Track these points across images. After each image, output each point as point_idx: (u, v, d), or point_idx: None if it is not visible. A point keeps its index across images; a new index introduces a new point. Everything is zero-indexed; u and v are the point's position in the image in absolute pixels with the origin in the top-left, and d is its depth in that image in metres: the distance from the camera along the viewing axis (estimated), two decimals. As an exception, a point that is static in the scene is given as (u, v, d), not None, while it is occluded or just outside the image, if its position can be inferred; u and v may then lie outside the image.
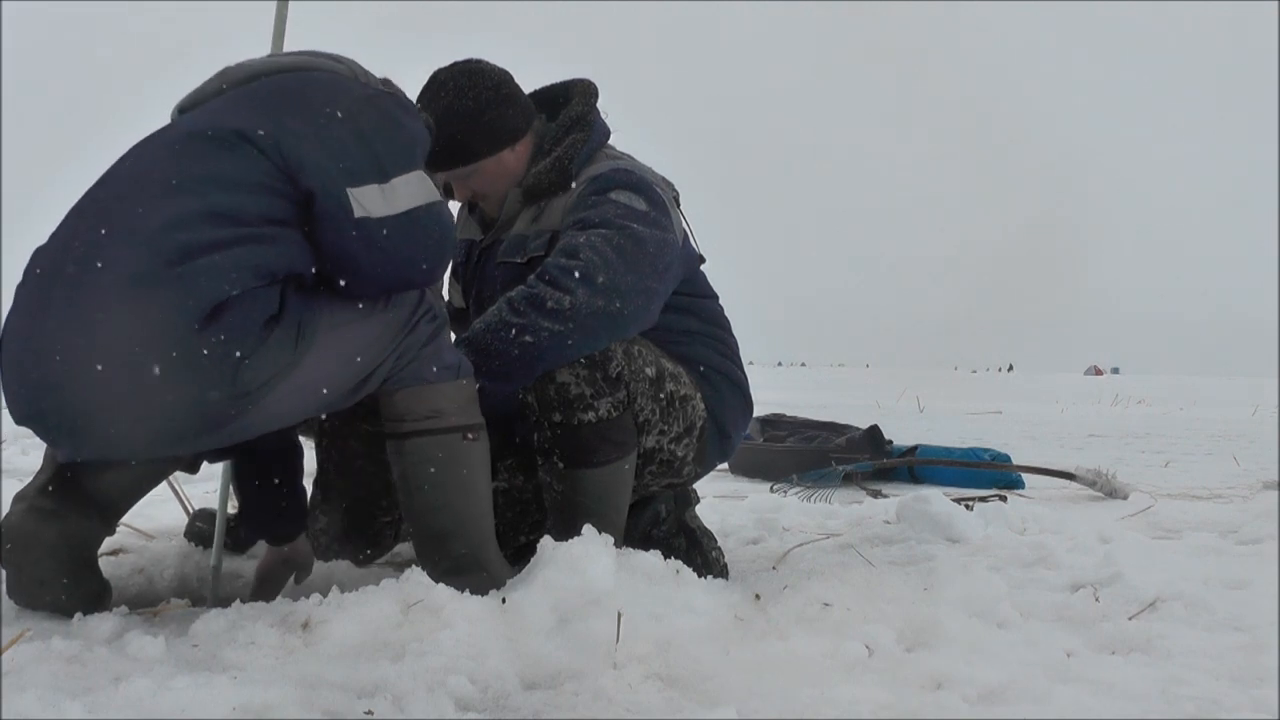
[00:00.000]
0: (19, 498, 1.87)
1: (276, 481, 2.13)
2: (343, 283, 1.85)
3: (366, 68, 2.00)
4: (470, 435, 1.96)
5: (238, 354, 1.68)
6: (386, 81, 2.02)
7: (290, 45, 2.41)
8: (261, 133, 1.76)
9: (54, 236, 1.78)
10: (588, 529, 1.90)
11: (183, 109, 1.93)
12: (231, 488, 2.61)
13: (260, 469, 2.13)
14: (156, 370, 1.64)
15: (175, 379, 1.66)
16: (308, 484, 2.53)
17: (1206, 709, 1.56)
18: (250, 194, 1.74)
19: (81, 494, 1.88)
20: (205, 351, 1.66)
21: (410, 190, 1.85)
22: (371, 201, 1.80)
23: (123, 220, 1.69)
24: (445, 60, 2.45)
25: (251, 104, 1.83)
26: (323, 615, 1.70)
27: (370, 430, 2.15)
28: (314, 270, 1.82)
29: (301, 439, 2.53)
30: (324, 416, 2.34)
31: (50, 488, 1.87)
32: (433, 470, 1.94)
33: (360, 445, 2.36)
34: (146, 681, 1.42)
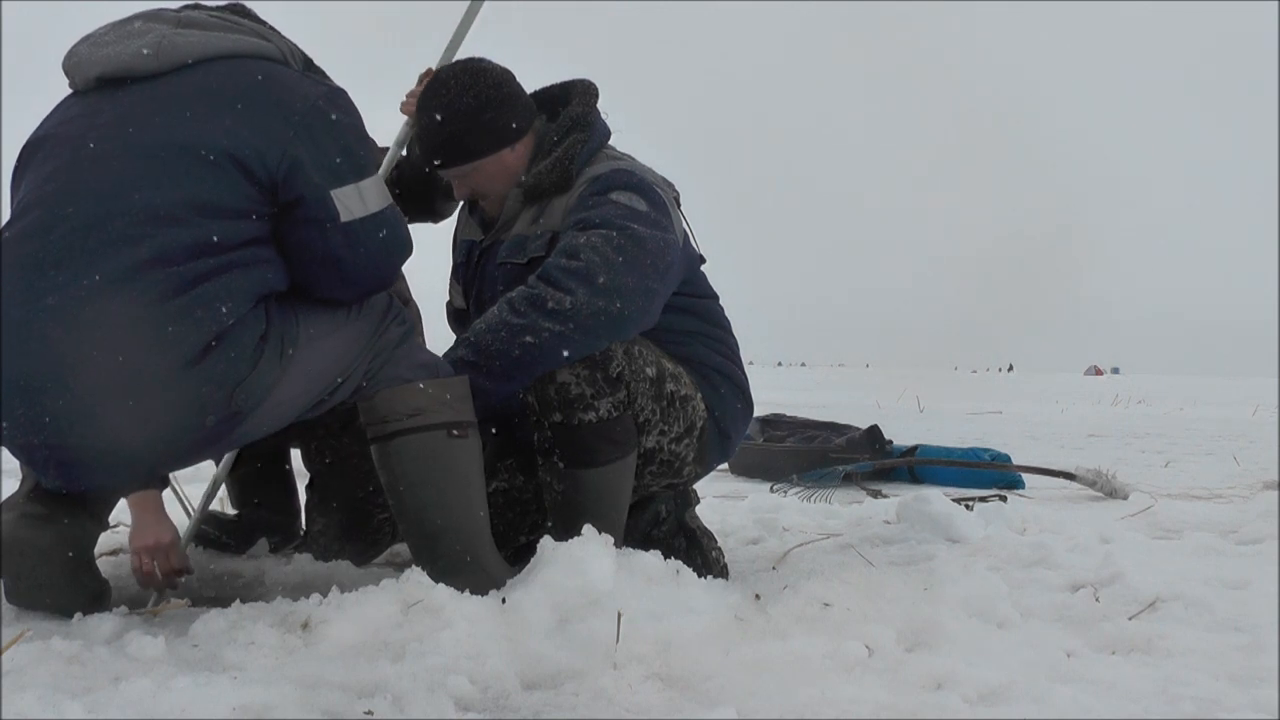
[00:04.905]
0: (8, 506, 1.84)
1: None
2: (320, 285, 1.86)
3: (285, 36, 2.00)
4: (456, 432, 1.95)
5: (234, 379, 1.69)
6: (308, 61, 2.03)
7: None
8: (250, 153, 1.75)
9: (13, 243, 1.71)
10: (588, 529, 1.90)
11: (107, 78, 1.82)
12: (226, 491, 2.61)
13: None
14: (156, 407, 1.64)
15: (175, 413, 1.67)
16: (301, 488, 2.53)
17: (1206, 709, 1.56)
18: (235, 220, 1.75)
19: (71, 495, 1.84)
20: (205, 385, 1.67)
21: (379, 189, 1.90)
22: (351, 202, 1.84)
23: (108, 252, 1.66)
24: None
25: (226, 107, 1.78)
26: (323, 615, 1.70)
27: (362, 425, 2.15)
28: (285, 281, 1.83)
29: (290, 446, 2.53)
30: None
31: (38, 492, 1.83)
32: (420, 468, 1.93)
33: (353, 444, 2.36)
34: (146, 681, 1.42)
